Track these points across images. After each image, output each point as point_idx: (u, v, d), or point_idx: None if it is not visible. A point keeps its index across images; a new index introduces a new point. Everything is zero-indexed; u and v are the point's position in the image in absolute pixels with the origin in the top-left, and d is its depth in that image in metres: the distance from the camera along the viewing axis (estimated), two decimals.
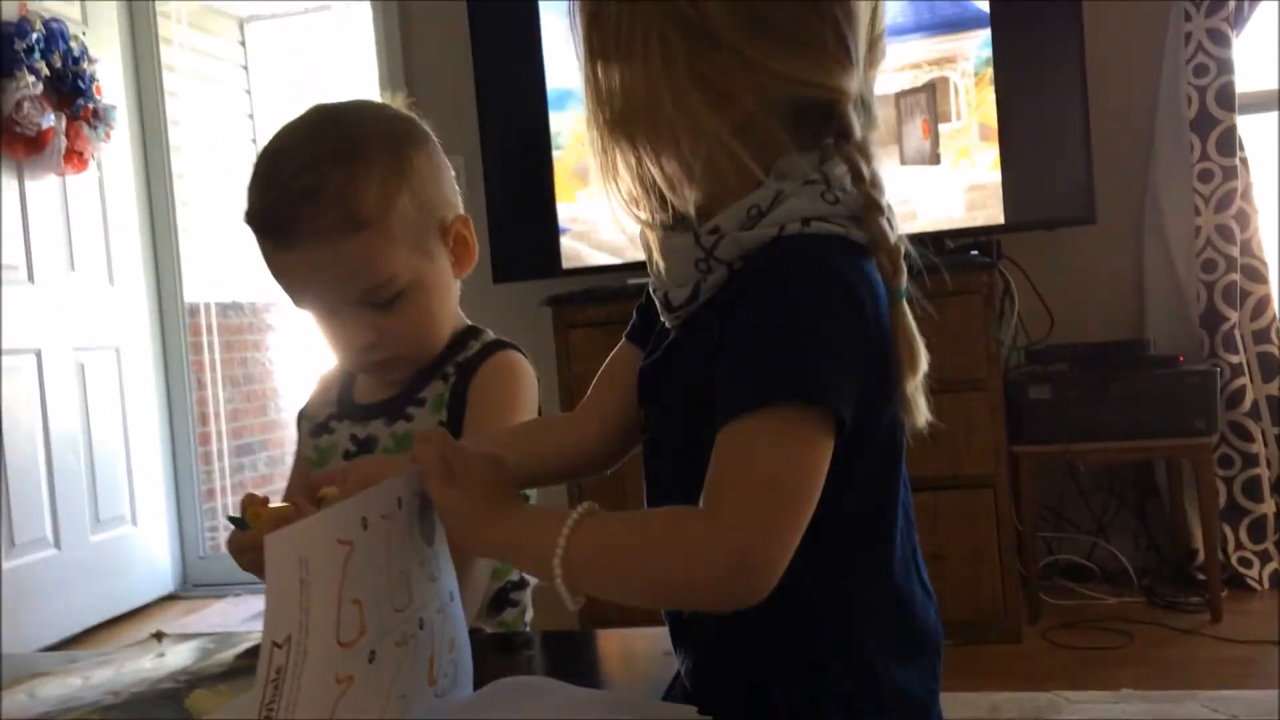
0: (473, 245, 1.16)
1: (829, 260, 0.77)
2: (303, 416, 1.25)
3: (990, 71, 2.81)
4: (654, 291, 0.88)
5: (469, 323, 1.23)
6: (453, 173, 1.18)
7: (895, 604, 0.85)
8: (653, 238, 0.86)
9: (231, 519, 1.09)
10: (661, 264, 0.85)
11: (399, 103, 1.18)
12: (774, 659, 0.83)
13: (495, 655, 1.04)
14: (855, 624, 0.83)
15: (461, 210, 1.17)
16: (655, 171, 0.82)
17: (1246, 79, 3.01)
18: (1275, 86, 3.13)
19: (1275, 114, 3.15)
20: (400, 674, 0.73)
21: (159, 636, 1.01)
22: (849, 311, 0.75)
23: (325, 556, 0.69)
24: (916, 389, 0.81)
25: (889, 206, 0.82)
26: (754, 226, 0.80)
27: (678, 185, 0.82)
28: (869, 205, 0.81)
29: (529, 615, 1.22)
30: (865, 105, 0.83)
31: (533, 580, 1.22)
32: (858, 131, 0.82)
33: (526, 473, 0.94)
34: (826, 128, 0.82)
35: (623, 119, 0.82)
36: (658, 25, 0.78)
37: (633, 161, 0.83)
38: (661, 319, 0.88)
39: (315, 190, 1.02)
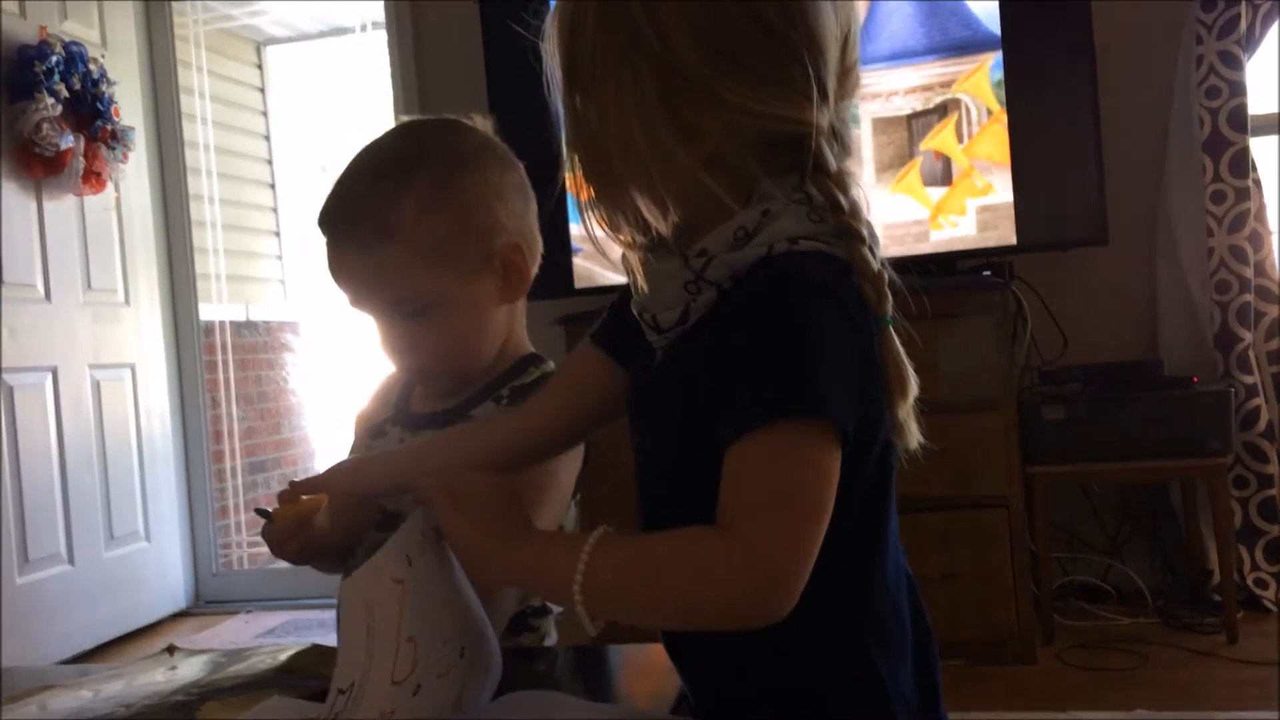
0: (525, 271, 1.16)
1: (820, 276, 0.78)
2: (360, 416, 1.28)
3: (1002, 93, 2.81)
4: (639, 314, 0.87)
5: (531, 350, 1.24)
6: (528, 199, 1.18)
7: (893, 615, 0.85)
8: (635, 260, 0.86)
9: (259, 511, 1.11)
10: (646, 287, 0.85)
11: (483, 124, 1.20)
12: (773, 674, 0.83)
13: (512, 669, 1.04)
14: (857, 636, 0.82)
15: (529, 236, 1.17)
16: (633, 198, 0.83)
17: (1259, 101, 3.02)
18: None
19: None
20: (436, 706, 0.75)
21: (171, 650, 1.02)
22: (844, 325, 0.76)
23: (385, 597, 0.73)
24: (908, 414, 0.81)
25: (871, 234, 0.82)
26: (743, 248, 0.80)
27: (653, 214, 0.83)
28: (849, 235, 0.81)
29: (550, 642, 1.21)
30: (838, 136, 0.83)
31: (556, 608, 1.22)
32: (832, 163, 0.82)
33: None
34: (798, 154, 0.81)
35: (597, 151, 0.83)
36: (629, 61, 0.79)
37: (611, 193, 0.84)
38: (649, 339, 0.87)
39: (360, 199, 1.09)
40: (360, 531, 1.09)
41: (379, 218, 1.08)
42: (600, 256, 0.88)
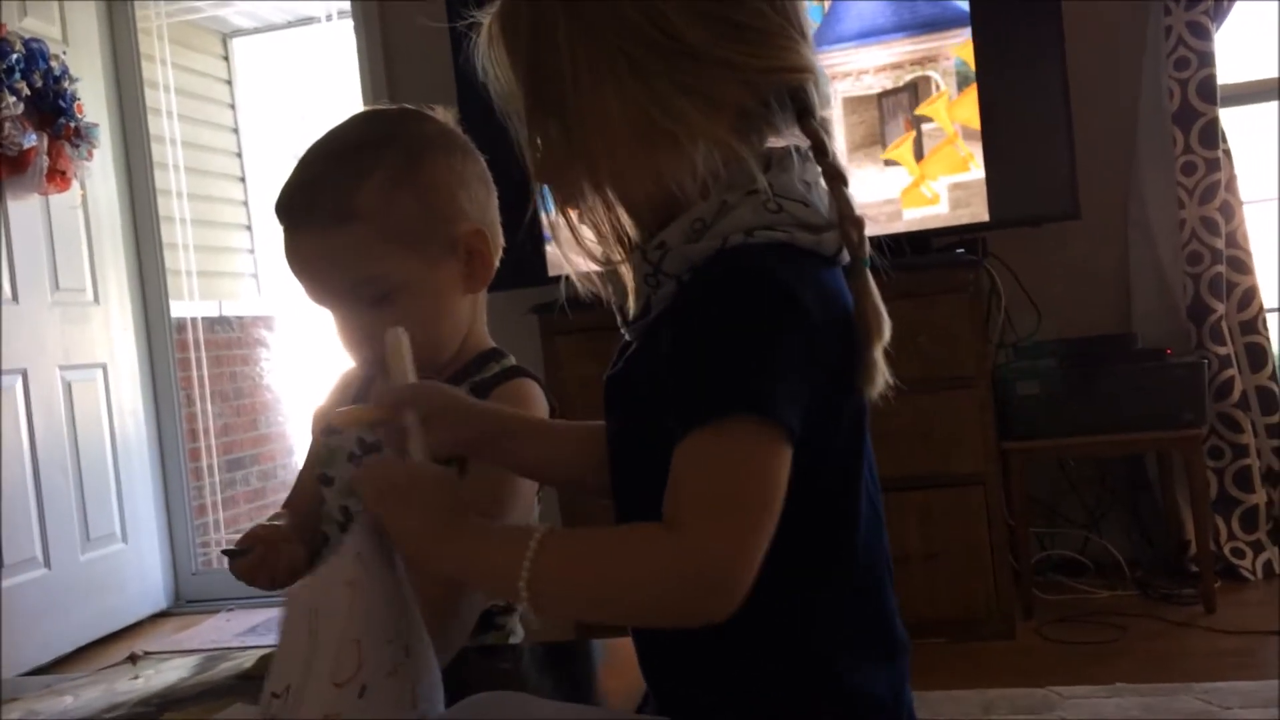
0: (489, 259, 1.15)
1: (771, 270, 0.77)
2: (317, 415, 1.26)
3: (972, 70, 2.81)
4: (610, 303, 0.89)
5: (493, 344, 1.23)
6: (490, 190, 1.17)
7: (861, 607, 0.84)
8: (625, 272, 0.87)
9: (226, 552, 1.11)
10: (628, 278, 0.86)
11: (444, 116, 1.19)
12: (737, 668, 0.82)
13: (476, 668, 1.03)
14: (820, 630, 0.82)
15: (491, 226, 1.16)
16: (615, 195, 0.83)
17: (1227, 71, 3.02)
18: (1256, 78, 3.14)
19: (1256, 106, 3.16)
20: (389, 704, 0.73)
21: (133, 659, 1.01)
22: (792, 319, 0.75)
23: (335, 602, 0.71)
24: (880, 355, 0.81)
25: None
26: (699, 239, 0.80)
27: (638, 210, 0.83)
28: (835, 176, 0.83)
29: (516, 640, 1.20)
30: (818, 82, 0.85)
31: (521, 607, 1.20)
32: (818, 108, 0.84)
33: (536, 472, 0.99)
34: (790, 104, 0.84)
35: (588, 156, 0.82)
36: (624, 52, 0.79)
37: (593, 202, 0.84)
38: (622, 331, 0.89)
39: (317, 181, 1.07)
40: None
41: (342, 199, 1.05)
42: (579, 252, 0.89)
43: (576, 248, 0.88)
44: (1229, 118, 3.01)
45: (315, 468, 1.22)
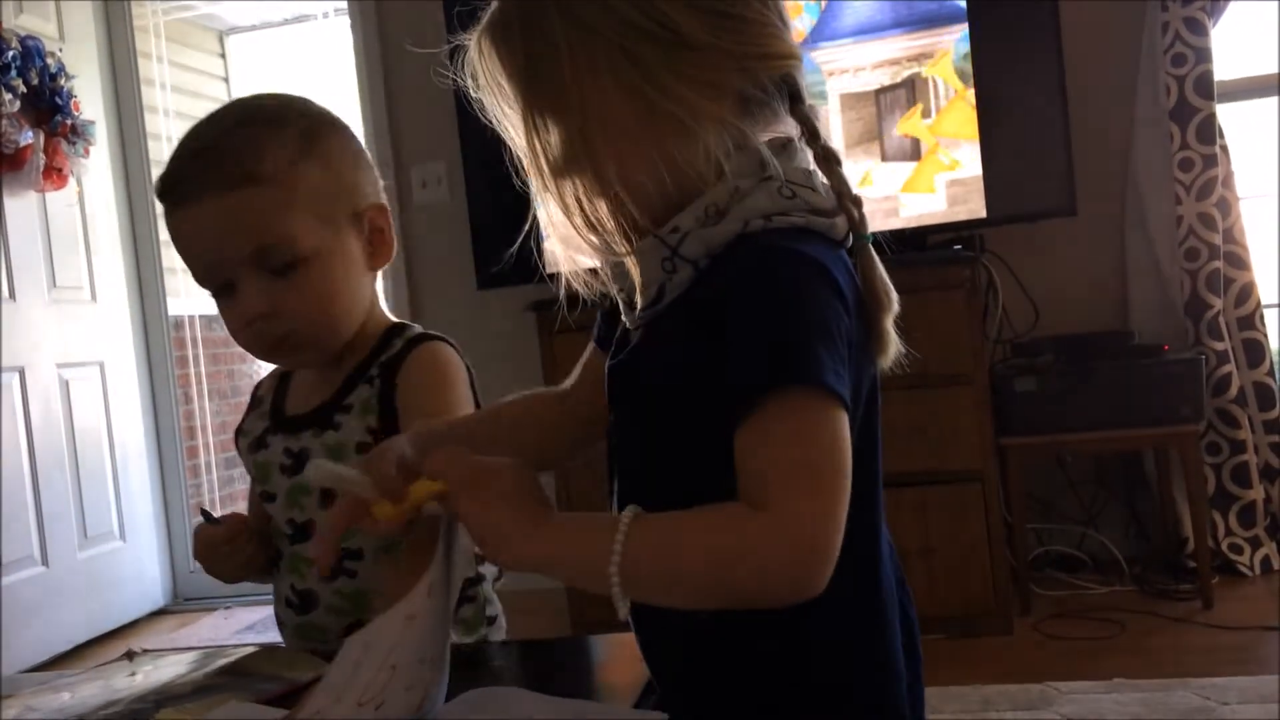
0: (389, 237, 1.13)
1: (807, 250, 0.79)
2: (240, 433, 1.20)
3: (969, 66, 2.81)
4: (616, 293, 0.88)
5: (394, 320, 1.18)
6: (376, 173, 1.16)
7: (872, 593, 0.85)
8: (631, 265, 0.87)
9: (204, 511, 1.09)
10: (635, 270, 0.85)
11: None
12: (743, 660, 0.83)
13: (467, 667, 1.03)
14: (828, 617, 0.82)
15: (383, 204, 1.14)
16: (623, 189, 0.83)
17: (1224, 67, 3.02)
18: (1253, 74, 3.14)
19: (1253, 102, 3.16)
20: (397, 712, 0.74)
21: (130, 656, 1.00)
22: (829, 293, 0.77)
23: (388, 636, 0.72)
24: (890, 326, 0.83)
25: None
26: (715, 224, 0.81)
27: (649, 200, 0.83)
28: (829, 157, 0.84)
29: (491, 611, 1.18)
30: (802, 69, 0.87)
31: (490, 573, 1.19)
32: (805, 93, 0.86)
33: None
34: (785, 99, 0.86)
35: (592, 151, 0.82)
36: (620, 46, 0.80)
37: (594, 194, 0.84)
38: (624, 320, 0.88)
39: (214, 147, 1.03)
40: None
41: (245, 163, 1.02)
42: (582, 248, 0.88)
43: (578, 245, 0.88)
44: (1226, 113, 3.01)
45: (254, 485, 1.18)
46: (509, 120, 0.87)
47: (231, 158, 1.02)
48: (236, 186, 1.01)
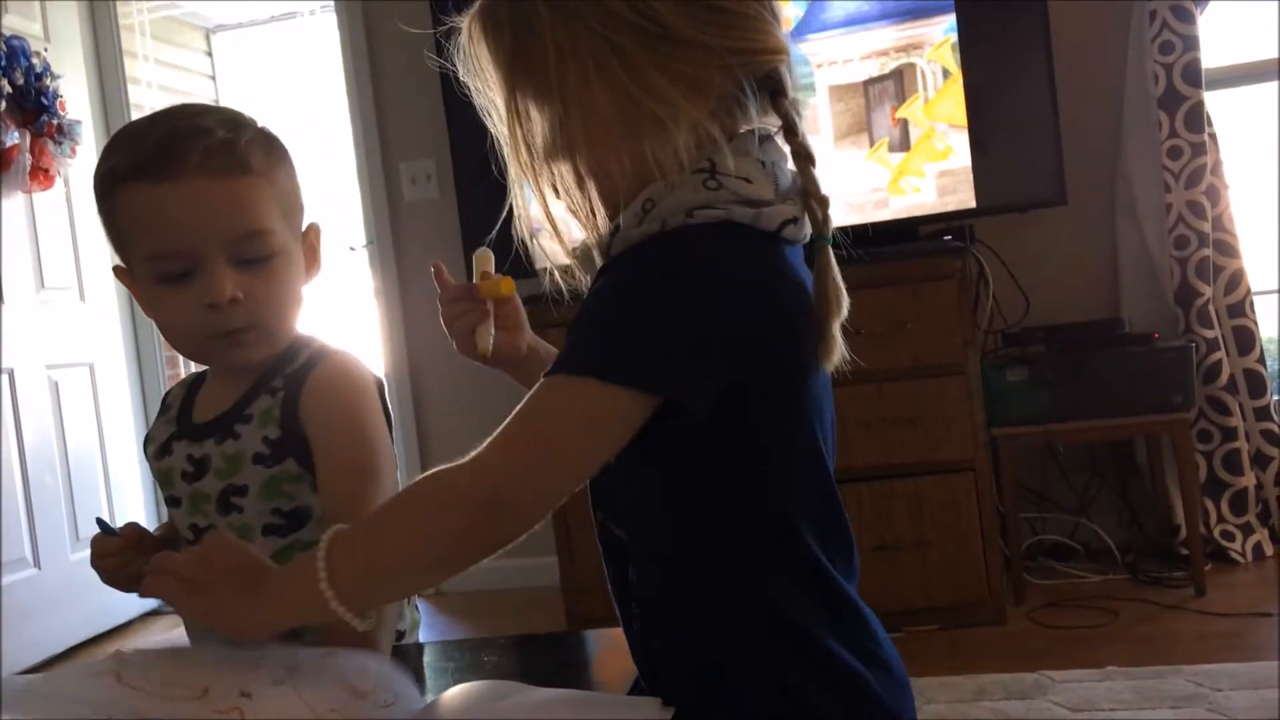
0: (320, 256, 1.14)
1: (683, 251, 0.80)
2: (147, 440, 1.18)
3: (957, 56, 2.81)
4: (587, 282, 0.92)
5: (299, 333, 1.15)
6: None
7: (816, 581, 0.85)
8: (599, 260, 0.89)
9: (100, 521, 1.10)
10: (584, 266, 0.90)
11: None
12: (714, 650, 0.84)
13: (466, 660, 1.03)
14: (790, 601, 0.83)
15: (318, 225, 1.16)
16: (595, 185, 0.86)
17: (1212, 55, 3.02)
18: (1241, 61, 3.15)
19: (1241, 89, 3.17)
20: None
21: (119, 655, 1.00)
22: (688, 298, 0.78)
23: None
24: (837, 330, 0.83)
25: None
26: (644, 221, 0.83)
27: (616, 196, 0.85)
28: (804, 156, 0.85)
29: (404, 624, 1.15)
30: (789, 63, 0.87)
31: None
32: (790, 89, 0.86)
33: None
34: (764, 95, 0.86)
35: (572, 144, 0.84)
36: (607, 39, 0.81)
37: (571, 184, 0.86)
38: None
39: (209, 132, 1.01)
40: None
41: (236, 153, 1.01)
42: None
43: (555, 238, 0.89)
44: (1214, 101, 3.01)
45: (160, 490, 1.16)
46: (493, 107, 0.88)
47: (227, 146, 1.01)
48: (232, 173, 1.01)
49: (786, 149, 0.86)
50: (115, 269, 1.10)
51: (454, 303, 1.08)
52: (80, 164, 3.57)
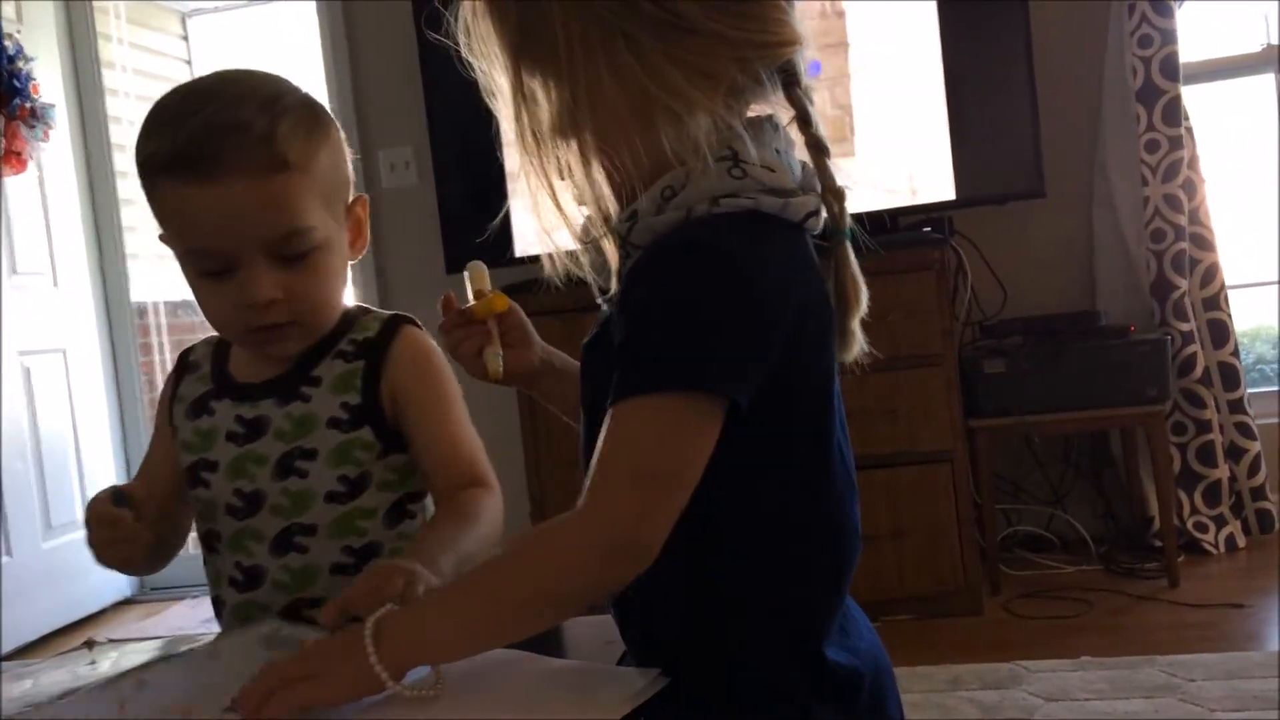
0: (366, 230, 1.12)
1: (719, 242, 0.78)
2: (174, 399, 1.15)
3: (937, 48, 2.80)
4: (592, 275, 0.90)
5: (349, 304, 1.17)
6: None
7: (833, 571, 0.87)
8: (608, 246, 0.88)
9: (116, 491, 1.02)
10: (611, 257, 0.87)
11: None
12: (707, 642, 0.83)
13: None
14: (794, 591, 0.82)
15: (365, 196, 1.13)
16: (603, 170, 0.83)
17: (1190, 49, 3.03)
18: (1219, 56, 3.16)
19: (1219, 83, 3.18)
20: None
21: (90, 645, 0.99)
22: (734, 292, 0.76)
23: None
24: (856, 325, 0.84)
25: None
26: (667, 208, 0.81)
27: (630, 183, 0.83)
28: (818, 147, 0.84)
29: None
30: (804, 52, 0.86)
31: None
32: (803, 77, 0.85)
33: None
34: (777, 84, 0.85)
35: (579, 131, 0.82)
36: (618, 26, 0.79)
37: (582, 176, 0.84)
38: (598, 302, 0.91)
39: (245, 126, 0.98)
40: None
41: (280, 147, 0.99)
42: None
43: (554, 223, 0.87)
44: (1192, 95, 3.03)
45: (186, 455, 1.12)
46: (496, 87, 0.85)
47: (265, 140, 0.98)
48: (273, 171, 0.98)
49: (796, 138, 0.85)
50: (161, 238, 1.07)
51: (454, 329, 1.06)
52: (53, 148, 3.53)
